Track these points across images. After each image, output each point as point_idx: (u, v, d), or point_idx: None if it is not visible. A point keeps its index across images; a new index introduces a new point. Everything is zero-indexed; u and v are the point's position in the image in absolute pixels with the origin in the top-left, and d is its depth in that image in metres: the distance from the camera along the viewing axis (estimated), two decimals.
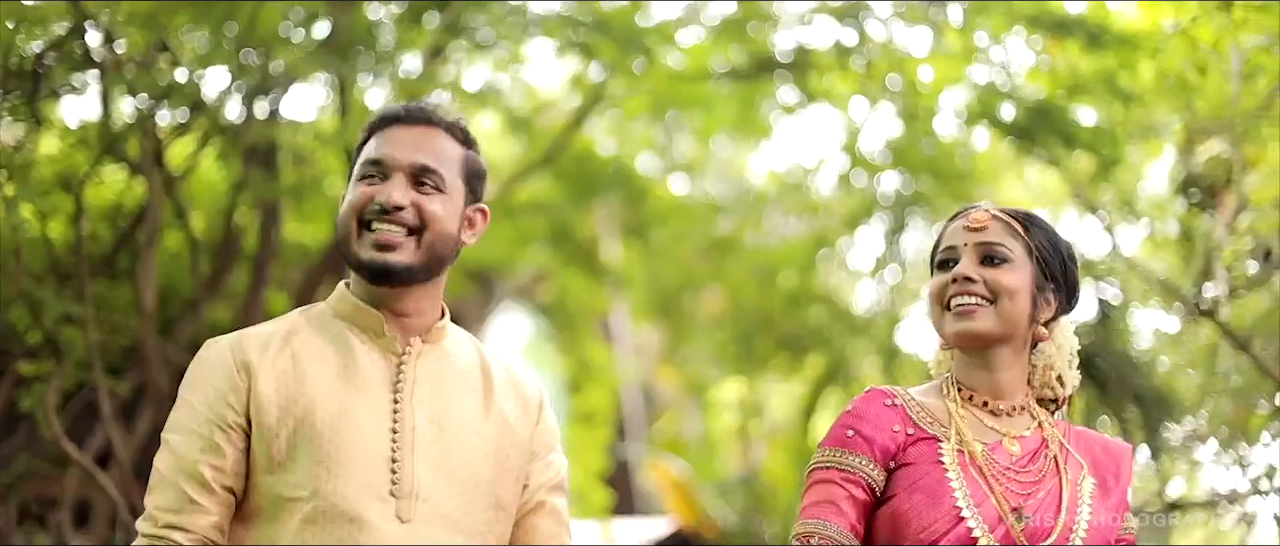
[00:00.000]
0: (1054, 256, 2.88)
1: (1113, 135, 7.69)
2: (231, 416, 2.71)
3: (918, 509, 2.73)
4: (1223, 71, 5.29)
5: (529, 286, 11.91)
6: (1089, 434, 2.98)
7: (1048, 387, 2.92)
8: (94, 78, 5.60)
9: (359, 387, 2.74)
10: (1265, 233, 5.04)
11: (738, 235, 10.45)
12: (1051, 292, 2.88)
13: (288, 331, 2.81)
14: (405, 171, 2.79)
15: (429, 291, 2.85)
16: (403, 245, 2.76)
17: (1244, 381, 5.31)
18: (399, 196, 2.76)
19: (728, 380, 11.94)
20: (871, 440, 2.79)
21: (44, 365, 5.35)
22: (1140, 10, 6.33)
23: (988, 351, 2.85)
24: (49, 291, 5.40)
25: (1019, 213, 2.91)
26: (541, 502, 2.89)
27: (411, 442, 2.72)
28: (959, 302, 2.82)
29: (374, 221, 2.76)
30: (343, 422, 2.70)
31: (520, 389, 2.91)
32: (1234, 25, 5.35)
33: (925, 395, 2.90)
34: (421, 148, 2.80)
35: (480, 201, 2.92)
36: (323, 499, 2.65)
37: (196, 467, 2.69)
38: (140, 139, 5.59)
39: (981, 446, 2.79)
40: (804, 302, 10.32)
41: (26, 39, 5.25)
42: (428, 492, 2.70)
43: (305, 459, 2.67)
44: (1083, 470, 2.85)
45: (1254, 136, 5.21)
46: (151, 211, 5.65)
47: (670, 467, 11.24)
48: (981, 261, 2.84)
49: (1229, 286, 5.20)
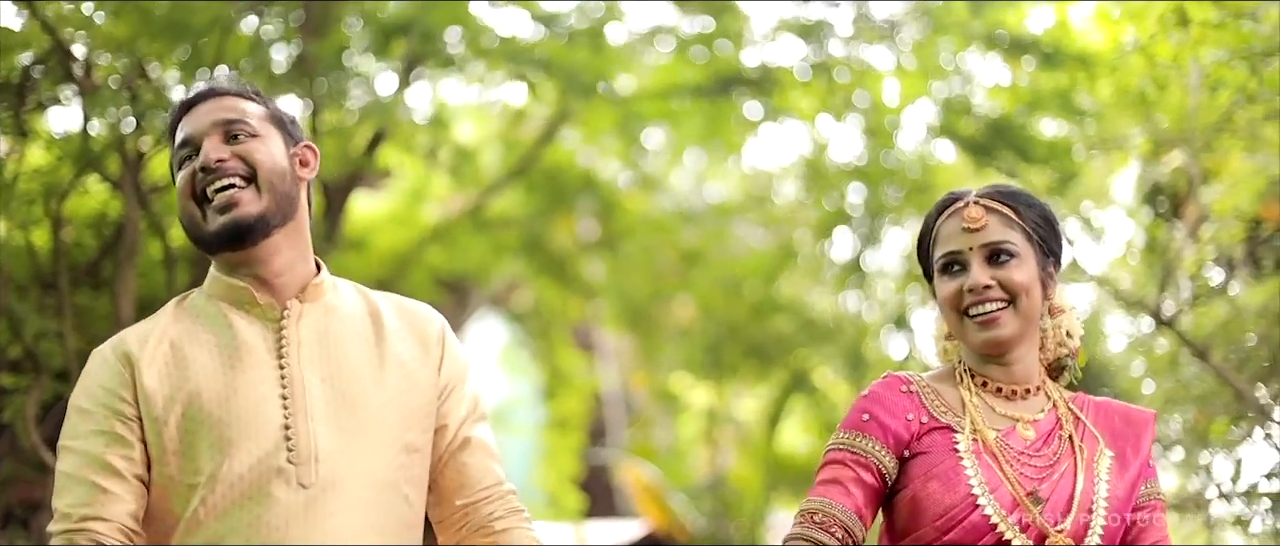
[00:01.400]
0: (1047, 230, 2.75)
1: (1068, 150, 7.64)
2: (127, 409, 2.57)
3: (933, 496, 2.62)
4: (1183, 85, 5.20)
5: (503, 295, 11.79)
6: (1110, 405, 2.84)
7: (1061, 346, 2.80)
8: (76, 91, 5.54)
9: (243, 363, 2.60)
10: (1227, 243, 4.96)
11: (705, 246, 10.35)
12: (1053, 266, 2.75)
13: (166, 322, 2.67)
14: (213, 132, 2.67)
15: (290, 242, 2.69)
16: (243, 197, 2.62)
17: (1205, 389, 5.22)
18: (216, 151, 2.64)
19: (696, 388, 11.85)
20: (885, 426, 2.68)
21: (23, 378, 5.28)
22: (1099, 27, 6.24)
23: (1014, 348, 2.72)
24: (31, 303, 5.31)
25: (1008, 196, 2.75)
26: (466, 439, 2.72)
27: (304, 406, 2.57)
28: (979, 311, 2.68)
29: (208, 190, 2.63)
30: (231, 401, 2.56)
31: (418, 327, 2.75)
32: (1193, 42, 5.27)
33: (939, 382, 2.77)
34: (219, 109, 2.69)
35: (302, 141, 2.78)
36: (221, 481, 2.51)
37: (105, 458, 2.54)
38: (119, 157, 5.51)
39: (995, 433, 2.68)
40: (769, 312, 10.23)
41: (9, 58, 5.16)
42: (329, 453, 2.55)
43: (201, 444, 2.53)
44: (1099, 445, 2.72)
45: (1217, 146, 5.12)
46: (129, 227, 5.57)
47: (641, 472, 11.16)
48: (989, 261, 2.69)
49: (1192, 295, 5.10)
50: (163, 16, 5.40)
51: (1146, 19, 5.67)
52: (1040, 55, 7.97)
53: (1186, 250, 5.02)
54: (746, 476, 10.94)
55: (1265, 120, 4.86)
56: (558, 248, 9.79)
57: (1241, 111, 5.01)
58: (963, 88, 8.71)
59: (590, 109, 8.61)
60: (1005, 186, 2.78)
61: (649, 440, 12.18)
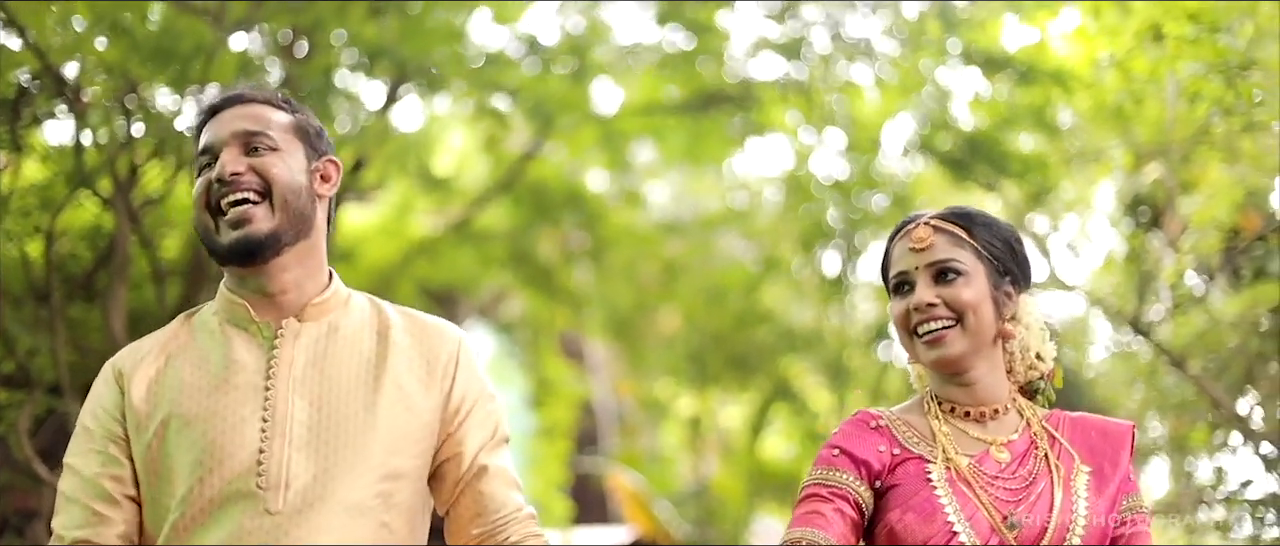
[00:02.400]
0: (1002, 248, 2.66)
1: (1043, 164, 7.59)
2: (118, 429, 2.52)
3: (910, 528, 2.54)
4: (1161, 99, 5.14)
5: (490, 306, 11.72)
6: (1086, 420, 2.74)
7: (1032, 369, 2.71)
8: (69, 107, 5.48)
9: (231, 383, 2.50)
10: (1206, 253, 4.89)
11: (689, 258, 10.28)
12: (1010, 284, 2.66)
13: (168, 338, 2.60)
14: (233, 143, 2.56)
15: (300, 259, 2.58)
16: (256, 214, 2.51)
17: (1183, 397, 5.14)
18: (233, 164, 2.52)
19: (681, 397, 11.80)
20: (856, 458, 2.60)
21: (17, 394, 5.24)
22: (1076, 42, 6.17)
23: (965, 368, 2.64)
24: (26, 316, 5.27)
25: (959, 215, 2.68)
26: (483, 467, 2.58)
27: (284, 430, 2.46)
28: (926, 330, 2.61)
29: (222, 202, 2.52)
30: (212, 422, 2.46)
31: (428, 348, 2.61)
32: (1169, 56, 5.21)
33: (909, 413, 2.70)
34: (243, 118, 2.57)
35: (326, 155, 2.66)
36: (191, 503, 2.42)
37: (98, 482, 2.50)
38: (110, 175, 5.47)
39: (968, 459, 2.60)
40: (751, 323, 10.17)
41: (4, 76, 5.13)
42: (300, 479, 2.44)
43: (180, 465, 2.45)
44: (1075, 462, 2.63)
45: (1196, 158, 5.06)
46: (120, 242, 5.53)
47: (626, 480, 11.09)
48: (936, 280, 2.62)
49: (1172, 304, 5.03)
50: (151, 41, 5.38)
51: (1123, 35, 5.61)
52: (1015, 73, 7.95)
53: (1166, 260, 4.95)
54: (730, 483, 10.88)
55: (1243, 132, 4.80)
56: (544, 259, 9.71)
57: (1219, 124, 4.95)
58: (940, 103, 8.67)
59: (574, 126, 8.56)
60: (960, 208, 2.71)
61: (635, 448, 12.11)
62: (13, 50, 5.16)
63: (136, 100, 5.58)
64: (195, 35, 5.46)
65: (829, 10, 8.61)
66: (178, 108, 5.92)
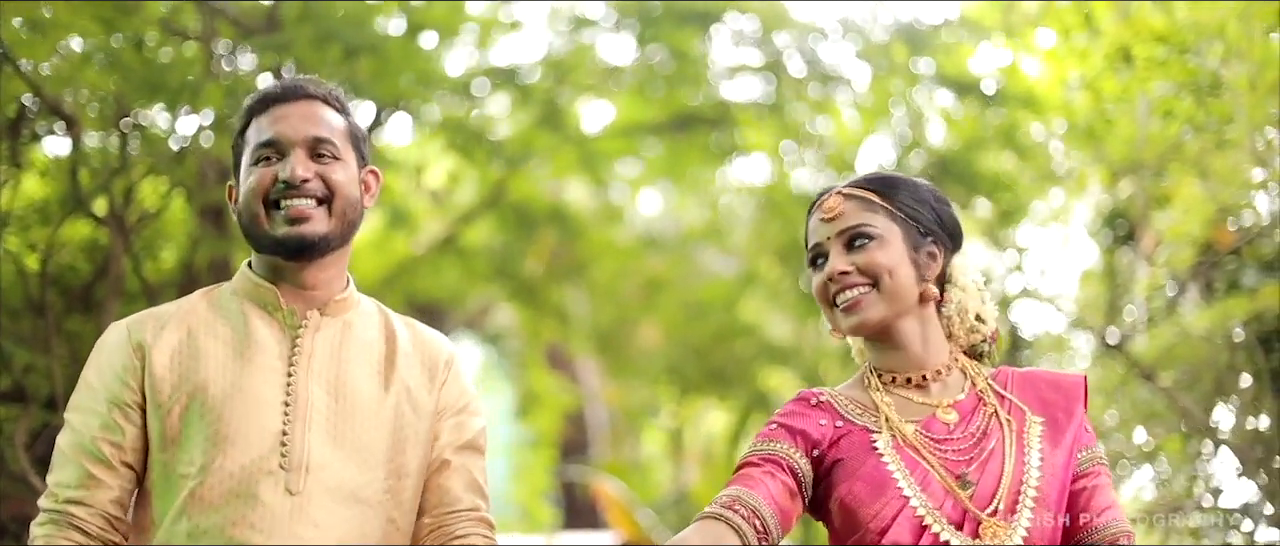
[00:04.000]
0: (923, 209, 2.54)
1: (1012, 184, 7.53)
2: (128, 395, 2.50)
3: (860, 497, 2.42)
4: (1133, 117, 5.06)
5: (477, 318, 11.64)
6: (1035, 374, 2.61)
7: (973, 332, 2.58)
8: (65, 129, 5.45)
9: (254, 363, 2.50)
10: (1179, 267, 4.81)
11: (669, 273, 10.19)
12: (932, 245, 2.54)
13: (187, 310, 2.58)
14: (301, 145, 2.55)
15: (335, 261, 2.61)
16: (314, 215, 2.53)
17: (1155, 409, 5.06)
18: (303, 170, 2.52)
19: (662, 408, 11.75)
20: (794, 429, 2.50)
21: (13, 409, 5.18)
22: (1047, 64, 6.08)
23: (891, 333, 2.52)
24: (24, 329, 5.21)
25: (872, 180, 2.56)
26: (446, 461, 2.60)
27: (305, 415, 2.48)
28: (843, 298, 2.49)
29: (282, 199, 2.52)
30: (235, 398, 2.47)
31: (427, 354, 2.64)
32: (1139, 77, 5.13)
33: (852, 388, 2.58)
34: (310, 120, 2.57)
35: (368, 164, 2.70)
36: (211, 474, 2.42)
37: (96, 444, 2.48)
38: (106, 197, 5.44)
39: (913, 425, 2.47)
40: (730, 336, 10.11)
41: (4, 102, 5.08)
42: (319, 464, 2.45)
43: (198, 435, 2.44)
44: (1027, 415, 2.50)
45: (1170, 173, 4.98)
46: (115, 263, 5.44)
47: (609, 488, 11.01)
48: (848, 247, 2.51)
49: (1146, 317, 4.95)
50: (142, 72, 5.35)
51: (1093, 56, 5.54)
52: (983, 98, 7.94)
53: (1141, 273, 4.87)
54: (709, 491, 10.81)
55: (1217, 149, 4.72)
56: (528, 274, 9.61)
57: (1191, 141, 4.88)
58: (912, 124, 8.64)
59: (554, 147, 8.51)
60: (875, 173, 2.59)
61: (620, 457, 12.04)
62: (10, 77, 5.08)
63: (131, 123, 5.54)
64: (184, 68, 5.46)
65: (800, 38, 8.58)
66: (170, 127, 5.86)
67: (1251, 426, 4.80)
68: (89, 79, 5.25)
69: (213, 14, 5.54)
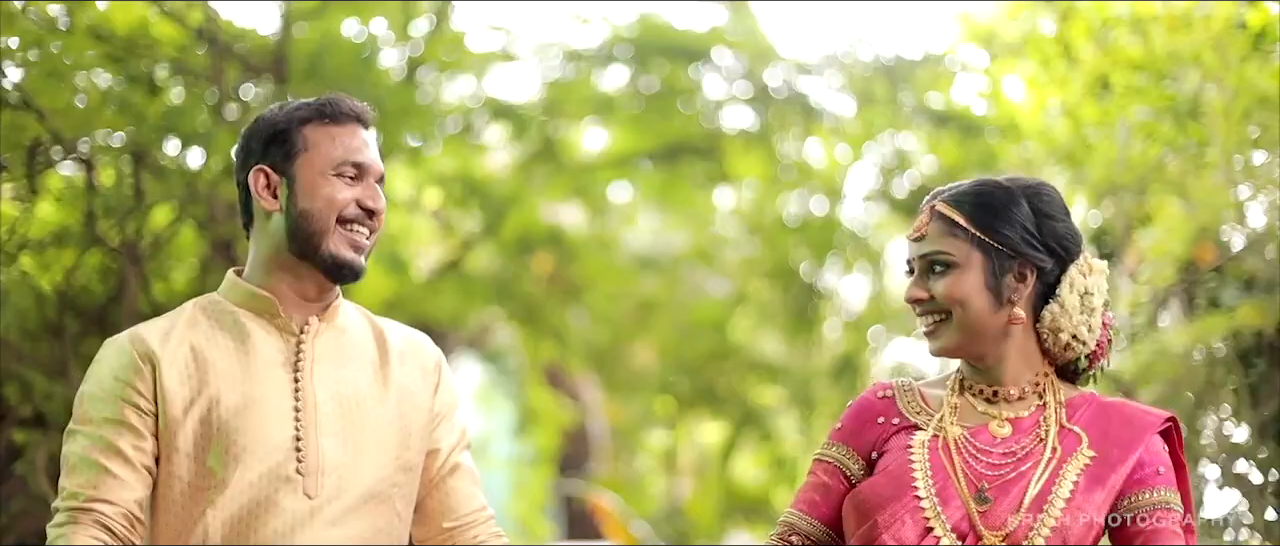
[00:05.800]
0: (1012, 229, 2.34)
1: None
2: (142, 403, 2.42)
3: (879, 491, 2.35)
4: (1113, 140, 5.01)
5: (478, 337, 11.57)
6: (1117, 406, 2.44)
7: (1067, 350, 2.38)
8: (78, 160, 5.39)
9: (259, 372, 2.46)
10: (1161, 284, 4.75)
11: (662, 295, 10.18)
12: (1020, 267, 2.36)
13: (186, 322, 2.50)
14: (375, 177, 2.55)
15: None
16: (367, 247, 2.54)
17: None
18: (380, 203, 2.53)
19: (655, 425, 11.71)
20: (853, 431, 2.48)
21: (34, 434, 5.09)
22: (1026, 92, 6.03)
23: (969, 355, 2.42)
24: (43, 350, 5.16)
25: (963, 198, 2.38)
26: (456, 465, 2.63)
27: (315, 420, 2.45)
28: (922, 323, 2.44)
29: (353, 222, 2.50)
30: (248, 411, 2.42)
31: (418, 355, 2.63)
32: (1117, 104, 5.08)
33: (933, 385, 2.51)
34: (375, 152, 2.57)
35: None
36: (231, 487, 2.38)
37: (116, 444, 2.39)
38: (119, 230, 5.39)
39: (961, 430, 2.38)
40: (721, 355, 10.10)
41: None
42: (334, 466, 2.44)
43: (213, 448, 2.40)
44: (1081, 444, 2.34)
45: (1151, 192, 4.92)
46: (128, 293, 5.39)
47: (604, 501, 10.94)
48: (928, 272, 2.40)
49: (1130, 333, 4.88)
50: (155, 116, 5.34)
51: (1072, 84, 5.48)
52: (961, 129, 7.98)
53: (1125, 290, 4.81)
54: (702, 505, 10.80)
55: (1197, 170, 4.67)
56: (527, 295, 9.54)
57: (1172, 163, 4.83)
58: (895, 153, 8.67)
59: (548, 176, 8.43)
60: (968, 188, 2.40)
61: (618, 471, 11.99)
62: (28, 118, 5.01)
63: (145, 162, 5.48)
64: (195, 108, 5.46)
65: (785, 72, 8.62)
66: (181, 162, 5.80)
67: (1231, 438, 4.73)
68: (106, 121, 5.21)
69: (221, 56, 5.49)
